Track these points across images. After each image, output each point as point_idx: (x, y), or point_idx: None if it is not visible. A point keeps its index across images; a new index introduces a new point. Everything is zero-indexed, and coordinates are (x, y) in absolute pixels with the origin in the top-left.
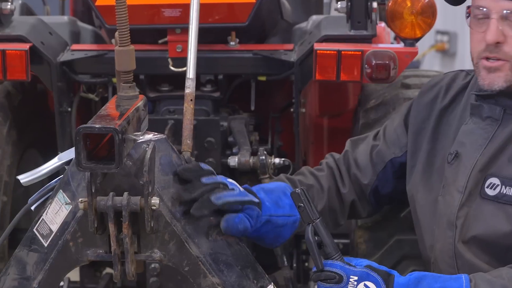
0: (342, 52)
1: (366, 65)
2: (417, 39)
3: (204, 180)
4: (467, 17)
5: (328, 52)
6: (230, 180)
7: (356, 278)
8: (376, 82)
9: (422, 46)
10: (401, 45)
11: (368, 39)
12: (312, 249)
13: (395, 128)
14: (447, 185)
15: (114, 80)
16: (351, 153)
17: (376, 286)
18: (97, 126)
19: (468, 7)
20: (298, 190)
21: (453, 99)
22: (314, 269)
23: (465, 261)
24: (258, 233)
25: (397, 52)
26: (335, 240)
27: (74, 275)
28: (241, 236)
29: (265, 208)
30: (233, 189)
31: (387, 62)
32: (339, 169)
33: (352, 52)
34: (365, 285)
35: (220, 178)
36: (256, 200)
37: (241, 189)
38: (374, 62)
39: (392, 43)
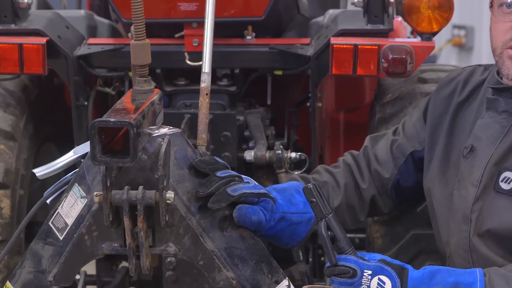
0: (359, 47)
1: (382, 60)
2: (434, 34)
3: (219, 173)
4: (490, 7)
5: (344, 46)
6: (244, 176)
7: (370, 272)
8: (392, 77)
9: (439, 40)
10: (418, 39)
11: (384, 33)
12: (325, 244)
13: (414, 122)
14: (462, 179)
15: (131, 74)
16: (370, 148)
17: (390, 280)
18: (112, 120)
19: None
20: (310, 185)
21: (470, 94)
22: (328, 264)
23: (480, 255)
24: (274, 230)
25: (414, 46)
26: (352, 235)
27: (90, 268)
28: (257, 231)
29: (278, 206)
30: (248, 182)
31: (404, 56)
32: (359, 164)
33: (369, 47)
34: (379, 279)
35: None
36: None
37: (256, 183)
38: (391, 56)
39: (408, 37)
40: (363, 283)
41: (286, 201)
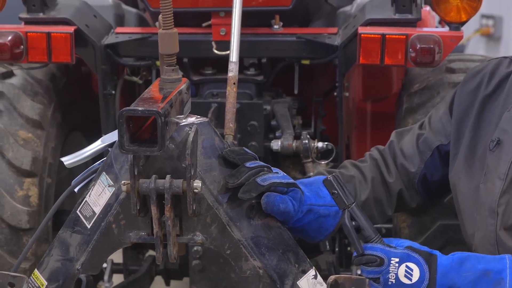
0: (387, 36)
1: (410, 49)
2: (463, 23)
3: (249, 164)
4: None
5: (372, 36)
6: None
7: (397, 260)
8: (420, 66)
9: (467, 30)
10: (446, 29)
11: (412, 23)
12: (350, 234)
13: (441, 116)
14: (488, 172)
15: (158, 63)
16: (396, 143)
17: (418, 267)
18: (140, 108)
19: None
20: (330, 177)
21: (496, 87)
22: (355, 254)
23: (507, 249)
24: (301, 223)
25: (442, 36)
26: (378, 225)
27: (117, 257)
28: (285, 222)
29: (306, 198)
30: (277, 173)
31: (432, 46)
32: (385, 159)
33: (397, 36)
34: (406, 266)
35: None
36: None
37: (284, 174)
38: (418, 46)
39: (436, 27)
40: (390, 271)
41: (314, 194)
